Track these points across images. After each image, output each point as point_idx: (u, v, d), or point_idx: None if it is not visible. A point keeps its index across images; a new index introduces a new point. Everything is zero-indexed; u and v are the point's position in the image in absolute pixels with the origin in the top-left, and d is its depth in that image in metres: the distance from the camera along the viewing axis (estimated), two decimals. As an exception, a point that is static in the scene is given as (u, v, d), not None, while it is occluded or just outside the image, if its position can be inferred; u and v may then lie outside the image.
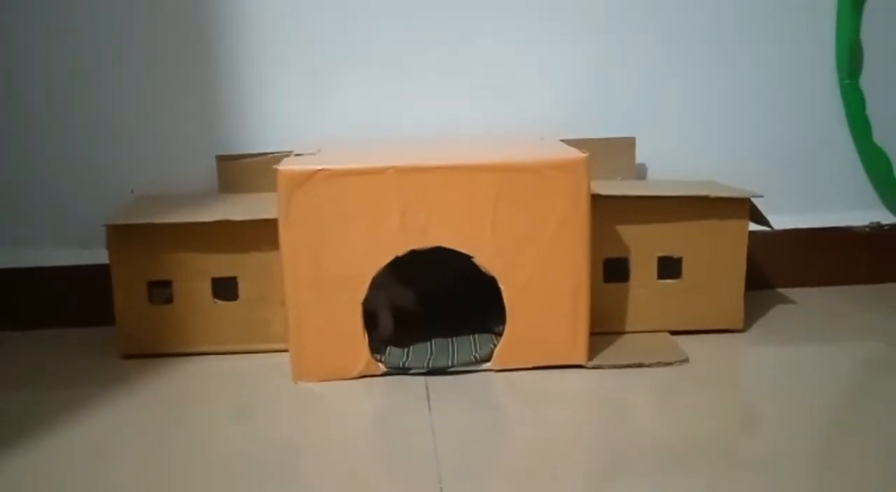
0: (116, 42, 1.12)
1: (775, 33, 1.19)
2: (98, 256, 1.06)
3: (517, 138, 1.12)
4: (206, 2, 1.12)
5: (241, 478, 0.76)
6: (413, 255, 0.92)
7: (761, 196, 1.02)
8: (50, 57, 1.12)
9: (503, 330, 0.95)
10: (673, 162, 1.20)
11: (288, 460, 0.79)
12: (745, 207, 1.02)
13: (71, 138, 1.14)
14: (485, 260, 0.92)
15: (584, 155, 0.91)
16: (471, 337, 1.01)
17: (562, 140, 1.07)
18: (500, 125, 1.18)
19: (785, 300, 1.18)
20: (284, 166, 0.90)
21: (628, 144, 1.16)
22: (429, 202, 0.91)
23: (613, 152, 1.14)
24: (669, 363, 0.95)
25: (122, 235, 0.99)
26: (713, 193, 1.01)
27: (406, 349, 0.99)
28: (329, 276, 0.91)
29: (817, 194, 1.24)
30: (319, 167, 0.89)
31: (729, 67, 1.20)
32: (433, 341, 1.01)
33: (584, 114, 1.19)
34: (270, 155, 1.12)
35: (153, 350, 1.02)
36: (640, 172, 1.19)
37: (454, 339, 1.01)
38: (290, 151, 1.06)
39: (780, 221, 1.10)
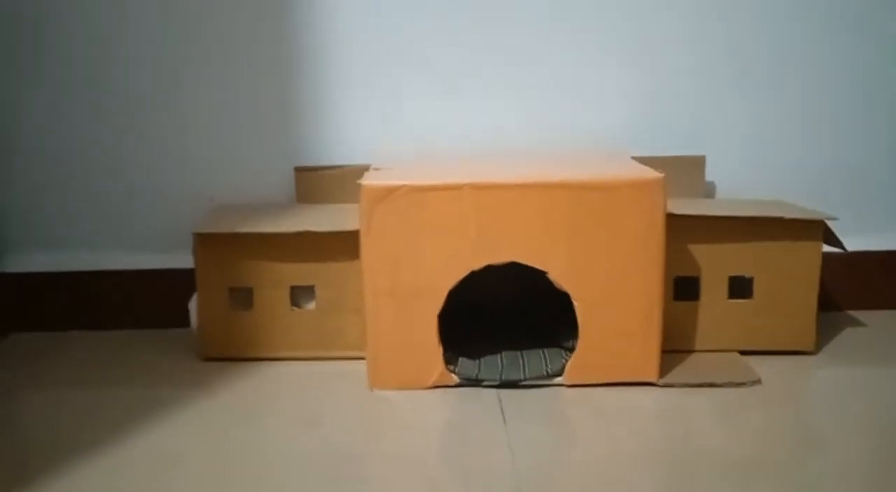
0: (201, 53, 1.17)
1: (846, 51, 1.18)
2: (177, 260, 1.12)
3: (588, 155, 1.13)
4: (289, 19, 1.16)
5: (311, 484, 0.78)
6: (488, 268, 0.94)
7: (836, 218, 1.02)
8: (134, 66, 1.17)
9: (573, 345, 0.97)
10: (741, 180, 1.20)
11: (361, 468, 0.82)
12: (818, 229, 1.02)
13: (155, 147, 1.19)
14: (559, 276, 0.93)
15: (661, 175, 0.92)
16: (540, 351, 1.03)
17: (632, 157, 1.08)
18: (566, 140, 1.20)
19: (856, 323, 1.17)
20: (367, 181, 0.93)
21: (698, 162, 1.16)
22: (504, 218, 0.93)
23: (683, 170, 1.15)
24: (742, 384, 0.96)
25: (207, 243, 1.03)
26: (787, 215, 1.01)
27: (477, 361, 1.00)
28: (406, 287, 0.94)
29: (888, 216, 1.23)
30: (400, 183, 0.92)
31: (798, 85, 1.19)
32: (503, 354, 1.03)
33: (651, 131, 1.20)
34: (346, 167, 1.16)
35: (232, 354, 1.06)
36: (709, 190, 1.20)
37: (523, 352, 1.03)
38: (365, 164, 1.10)
39: (851, 242, 1.08)
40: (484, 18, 1.17)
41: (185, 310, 1.08)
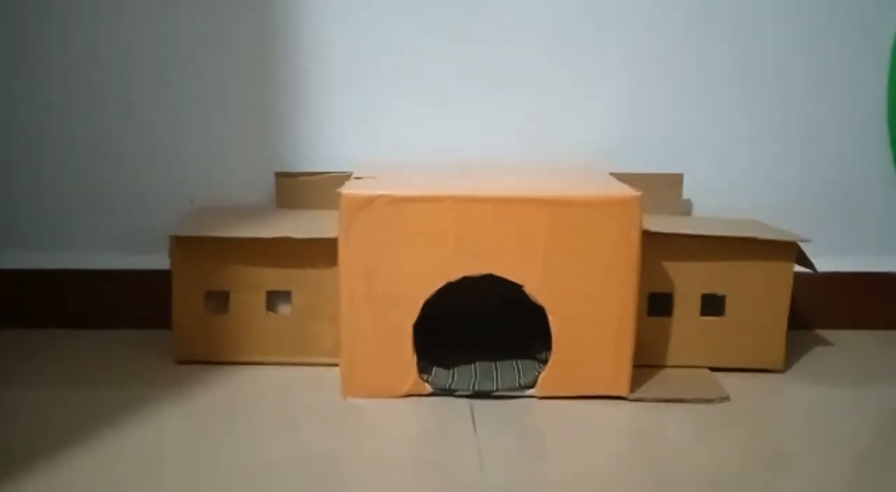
0: (182, 57, 1.17)
1: (825, 74, 1.21)
2: (155, 261, 1.11)
3: (567, 170, 1.14)
4: (271, 24, 1.17)
5: (284, 490, 0.78)
6: (464, 280, 0.95)
7: (808, 241, 1.04)
8: (116, 71, 1.16)
9: (547, 357, 0.98)
10: (719, 199, 1.22)
11: (334, 474, 0.82)
12: (791, 250, 1.04)
13: (136, 149, 1.19)
14: (535, 290, 0.94)
15: (638, 193, 0.93)
16: (514, 362, 1.03)
17: (610, 173, 1.10)
18: (546, 154, 1.21)
19: (823, 342, 1.19)
20: (347, 190, 0.93)
21: (676, 179, 1.18)
22: (483, 231, 0.94)
23: (661, 187, 1.16)
24: (710, 400, 0.97)
25: (184, 246, 1.03)
26: (761, 235, 1.03)
27: (451, 371, 1.01)
28: (383, 296, 0.94)
29: (859, 238, 1.25)
30: (380, 193, 0.93)
31: (777, 107, 1.22)
32: (476, 365, 1.03)
33: (630, 148, 1.21)
34: (326, 174, 1.16)
35: (207, 357, 1.05)
36: (686, 208, 1.22)
37: (497, 363, 1.04)
38: (345, 172, 1.10)
39: (822, 262, 1.10)
40: (469, 31, 1.18)
41: (161, 311, 1.08)
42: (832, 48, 1.20)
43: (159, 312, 1.07)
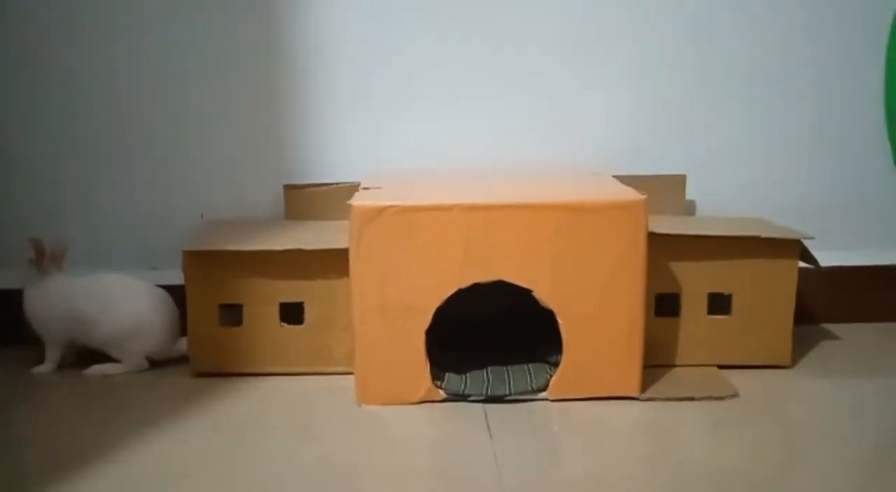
0: (190, 71, 1.19)
1: (826, 75, 1.23)
2: (168, 276, 1.13)
3: (572, 174, 1.16)
4: (278, 37, 1.19)
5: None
6: (474, 286, 0.97)
7: (812, 238, 1.05)
8: (124, 84, 1.18)
9: (557, 360, 0.99)
10: (722, 199, 1.23)
11: (354, 481, 0.83)
12: (795, 248, 1.05)
13: (146, 163, 1.21)
14: (544, 294, 0.96)
15: (643, 197, 0.95)
16: (525, 366, 1.05)
17: (614, 176, 1.11)
18: (552, 158, 1.23)
19: (830, 336, 1.21)
20: (357, 201, 0.95)
21: (679, 181, 1.20)
22: (492, 238, 0.95)
23: (665, 189, 1.18)
24: (720, 398, 0.99)
25: (197, 260, 1.04)
26: (765, 234, 1.04)
27: (463, 377, 1.03)
28: (395, 305, 0.96)
29: (861, 232, 1.27)
30: (390, 203, 0.94)
31: (779, 108, 1.24)
32: (489, 369, 1.05)
33: (635, 150, 1.23)
34: (334, 185, 1.18)
35: (223, 369, 1.07)
36: (690, 209, 1.23)
37: (509, 367, 1.05)
38: (353, 182, 1.12)
39: (825, 257, 1.12)
40: (473, 39, 1.20)
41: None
42: (831, 48, 1.22)
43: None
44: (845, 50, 1.22)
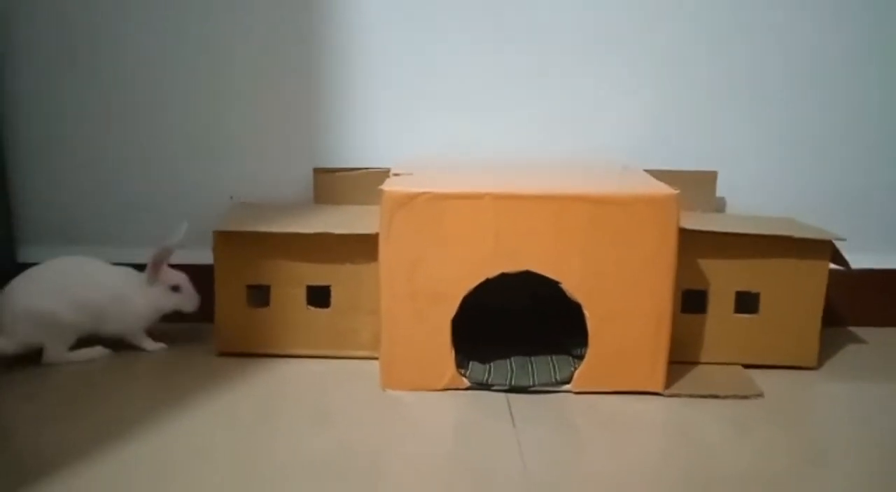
0: (224, 54, 1.19)
1: (861, 74, 1.21)
2: (196, 256, 1.13)
3: (602, 167, 1.15)
4: (312, 21, 1.19)
5: (324, 482, 0.80)
6: (501, 275, 0.97)
7: (843, 239, 1.04)
8: (156, 67, 1.19)
9: (581, 353, 0.99)
10: (751, 196, 1.23)
11: (376, 466, 0.84)
12: (826, 249, 1.04)
13: (176, 145, 1.22)
14: (572, 287, 0.96)
15: (676, 191, 0.94)
16: (549, 358, 1.05)
17: (644, 170, 1.10)
18: (580, 151, 1.22)
19: (857, 339, 1.20)
20: (389, 187, 0.95)
21: (710, 177, 1.19)
22: (522, 228, 0.95)
23: (695, 185, 1.17)
24: (745, 397, 0.98)
25: (227, 241, 1.05)
26: (796, 234, 1.04)
27: (488, 366, 1.03)
28: (423, 292, 0.96)
29: (892, 235, 1.26)
30: (422, 190, 0.94)
31: (812, 106, 1.22)
32: (512, 359, 1.05)
33: (663, 144, 1.22)
34: (363, 170, 1.18)
35: (248, 350, 1.08)
36: (720, 205, 1.22)
37: (532, 358, 1.06)
38: (383, 168, 1.12)
39: (855, 259, 1.11)
40: (503, 31, 1.19)
41: (203, 304, 1.10)
42: (866, 46, 1.20)
43: (202, 306, 1.10)
44: (881, 48, 1.20)
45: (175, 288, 1.10)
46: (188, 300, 1.11)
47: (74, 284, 1.06)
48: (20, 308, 1.03)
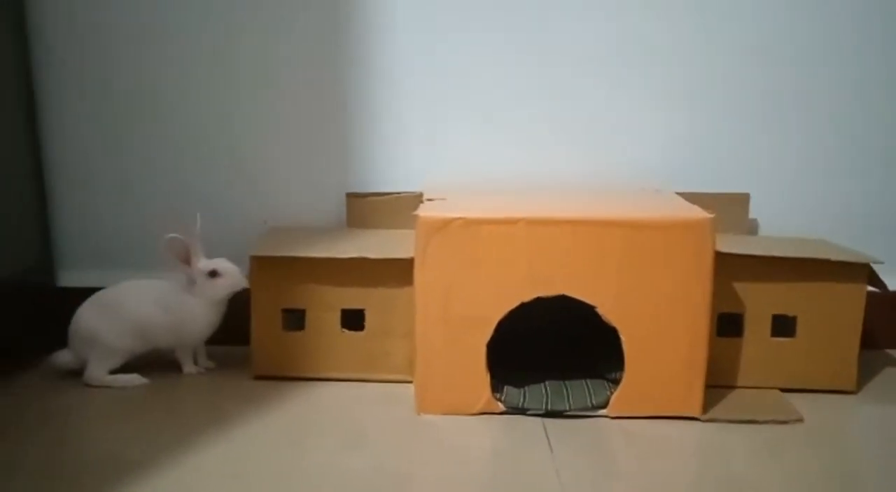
0: (257, 79, 1.21)
1: (894, 92, 1.20)
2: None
3: (634, 190, 1.15)
4: (345, 46, 1.20)
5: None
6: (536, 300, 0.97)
7: (882, 262, 1.03)
8: (190, 93, 1.21)
9: (616, 377, 0.99)
10: (784, 218, 1.22)
11: (411, 490, 0.84)
12: (864, 272, 1.03)
13: (210, 170, 1.23)
14: (607, 311, 0.96)
15: (711, 215, 0.94)
16: (583, 382, 1.05)
17: (677, 193, 1.10)
18: (611, 173, 1.22)
19: (895, 362, 1.18)
20: (424, 213, 0.96)
21: (742, 199, 1.18)
22: (556, 253, 0.95)
23: (727, 206, 1.16)
24: (784, 421, 0.97)
25: (263, 266, 1.07)
26: (833, 257, 1.03)
27: (522, 390, 1.03)
28: (458, 316, 0.97)
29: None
30: (456, 215, 0.95)
31: (845, 127, 1.22)
32: (546, 383, 1.05)
33: (695, 166, 1.22)
34: (395, 195, 1.19)
35: (283, 373, 1.09)
36: (752, 227, 1.22)
37: (567, 382, 1.05)
38: (414, 192, 1.13)
39: (891, 281, 1.10)
40: (533, 54, 1.20)
41: (239, 328, 1.11)
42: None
43: (238, 329, 1.11)
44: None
45: (213, 273, 1.09)
46: (231, 279, 1.09)
47: (129, 308, 1.08)
48: (79, 325, 1.09)
